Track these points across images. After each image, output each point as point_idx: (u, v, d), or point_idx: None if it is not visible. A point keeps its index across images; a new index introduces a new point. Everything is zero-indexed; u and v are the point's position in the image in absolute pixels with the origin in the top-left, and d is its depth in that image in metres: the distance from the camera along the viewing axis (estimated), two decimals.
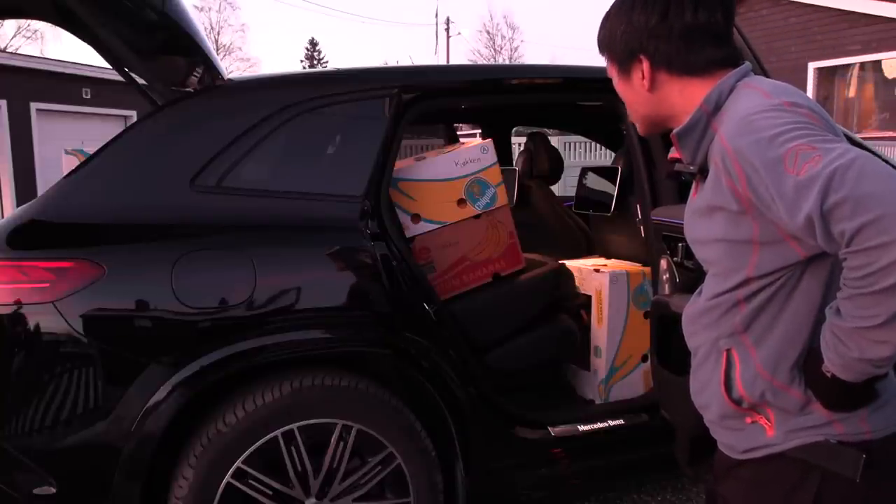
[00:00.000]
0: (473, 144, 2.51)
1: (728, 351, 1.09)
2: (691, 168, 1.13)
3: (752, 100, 1.00)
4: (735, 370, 1.08)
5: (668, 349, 1.87)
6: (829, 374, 0.97)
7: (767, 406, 1.06)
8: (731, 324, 1.08)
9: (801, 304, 1.03)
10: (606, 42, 1.16)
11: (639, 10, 1.09)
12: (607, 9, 1.17)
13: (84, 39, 2.11)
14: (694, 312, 1.17)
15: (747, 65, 1.10)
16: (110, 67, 2.31)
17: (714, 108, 1.05)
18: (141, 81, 2.41)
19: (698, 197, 1.12)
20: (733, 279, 1.05)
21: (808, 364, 1.02)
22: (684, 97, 1.09)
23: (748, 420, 1.10)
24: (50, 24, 2.08)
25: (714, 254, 1.09)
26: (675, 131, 1.10)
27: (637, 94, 1.15)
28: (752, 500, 1.12)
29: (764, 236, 1.00)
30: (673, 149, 1.17)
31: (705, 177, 1.07)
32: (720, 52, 1.08)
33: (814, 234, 0.87)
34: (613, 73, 1.18)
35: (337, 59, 49.30)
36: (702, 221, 1.10)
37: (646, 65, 1.10)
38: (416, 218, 2.37)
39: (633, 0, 1.10)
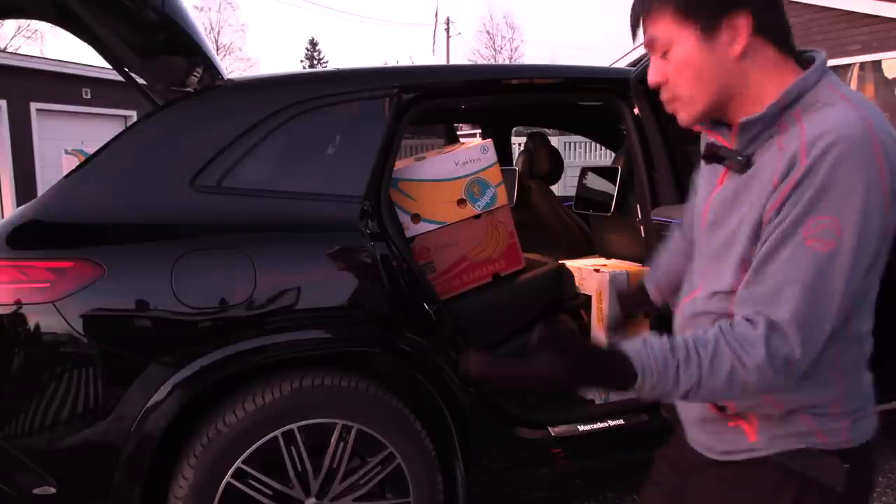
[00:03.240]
0: (473, 144, 2.51)
1: None
2: (739, 157, 1.00)
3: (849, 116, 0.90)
4: None
5: None
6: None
7: (751, 412, 1.04)
8: None
9: None
10: (685, 2, 0.96)
11: None
12: None
13: (84, 39, 2.11)
14: (686, 312, 1.12)
15: (824, 55, 1.00)
16: (110, 67, 2.31)
17: (791, 102, 0.95)
18: (141, 81, 2.41)
19: (728, 188, 1.03)
20: (734, 282, 1.00)
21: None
22: (775, 79, 0.97)
23: (730, 424, 1.07)
24: (50, 24, 2.08)
25: (719, 258, 1.03)
26: (743, 121, 0.97)
27: (717, 61, 0.96)
28: (729, 500, 1.10)
29: None
30: (705, 134, 1.09)
31: (743, 167, 0.98)
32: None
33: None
34: (687, 38, 0.97)
35: (337, 59, 49.33)
36: (730, 218, 1.01)
37: (744, 25, 0.95)
38: (416, 218, 2.37)
39: None
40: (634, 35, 1.04)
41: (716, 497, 1.12)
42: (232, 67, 30.85)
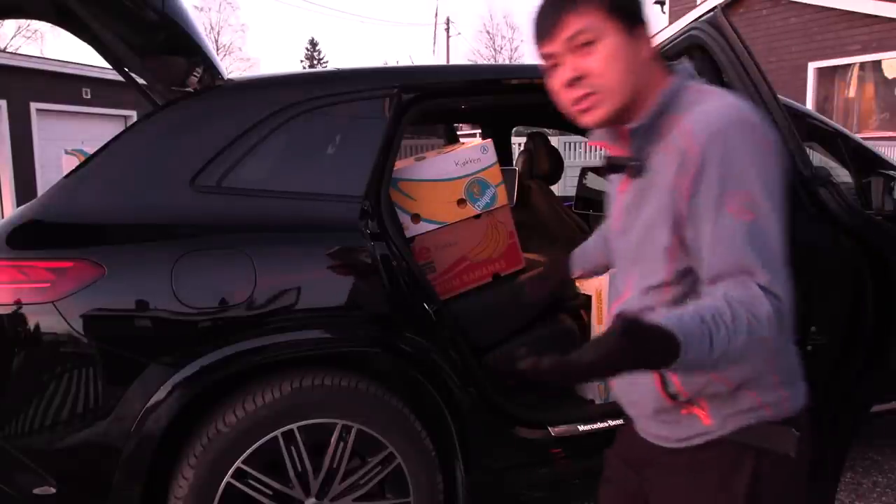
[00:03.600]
0: (473, 144, 2.51)
1: None
2: (634, 163, 1.09)
3: (725, 99, 1.03)
4: (666, 371, 1.07)
5: None
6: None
7: (701, 397, 1.10)
8: None
9: None
10: (614, 1, 1.05)
11: None
12: None
13: (84, 39, 2.11)
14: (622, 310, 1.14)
15: (688, 65, 1.14)
16: (110, 67, 2.31)
17: (667, 107, 1.06)
18: (141, 81, 2.41)
19: (631, 192, 1.12)
20: (665, 274, 1.06)
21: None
22: (661, 86, 1.08)
23: (683, 412, 1.12)
24: (50, 24, 2.08)
25: (642, 259, 1.10)
26: (630, 127, 1.08)
27: (637, 58, 1.06)
28: (690, 484, 1.14)
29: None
30: (595, 135, 1.18)
31: (639, 172, 1.08)
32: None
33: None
34: (614, 33, 1.04)
35: (337, 59, 49.32)
36: (637, 222, 1.10)
37: (649, 32, 1.08)
38: (416, 218, 2.37)
39: None
40: (551, 33, 1.07)
41: (678, 483, 1.16)
42: (232, 67, 30.85)
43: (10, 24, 25.84)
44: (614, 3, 1.05)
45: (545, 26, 1.08)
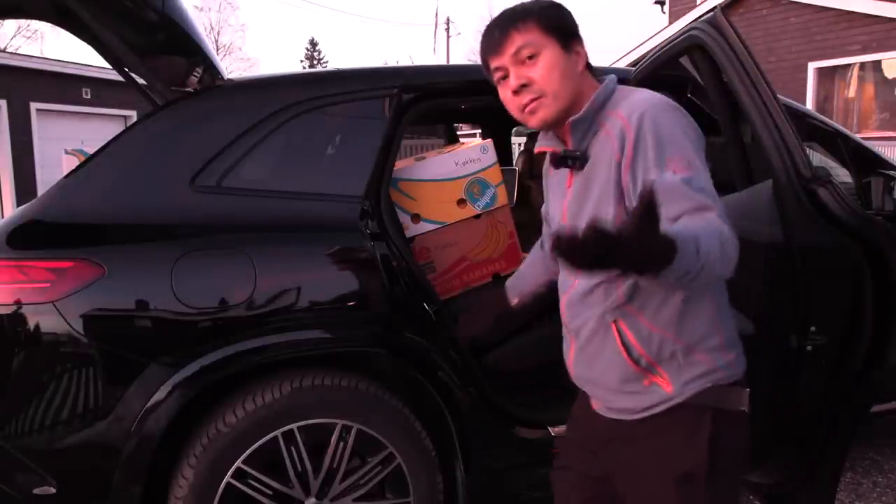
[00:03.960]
0: (473, 144, 2.51)
1: (615, 322, 1.26)
2: (577, 153, 1.27)
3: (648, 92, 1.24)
4: (627, 335, 1.25)
5: None
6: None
7: (660, 365, 1.25)
8: (615, 297, 1.25)
9: None
10: (550, 22, 1.25)
11: (570, 14, 1.30)
12: (518, 6, 1.31)
13: (84, 39, 2.11)
14: (574, 297, 1.33)
15: (614, 76, 1.32)
16: (110, 67, 2.31)
17: (602, 104, 1.26)
18: (141, 81, 2.41)
19: (577, 183, 1.28)
20: None
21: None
22: (585, 87, 1.28)
23: (646, 383, 1.26)
24: (50, 24, 2.08)
25: (603, 216, 1.22)
26: (572, 119, 1.26)
27: (573, 69, 1.27)
28: (656, 447, 1.28)
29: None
30: (540, 144, 1.39)
31: (582, 165, 1.26)
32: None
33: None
34: (552, 47, 1.25)
35: (337, 59, 49.30)
36: (586, 206, 1.25)
37: (583, 50, 1.29)
38: (416, 218, 2.37)
39: (561, 6, 1.31)
40: (498, 49, 1.27)
41: (644, 449, 1.30)
42: (232, 67, 30.85)
43: (10, 24, 25.83)
44: (550, 23, 1.26)
45: (493, 43, 1.29)
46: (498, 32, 1.28)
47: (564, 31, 1.27)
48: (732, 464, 1.30)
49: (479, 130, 4.85)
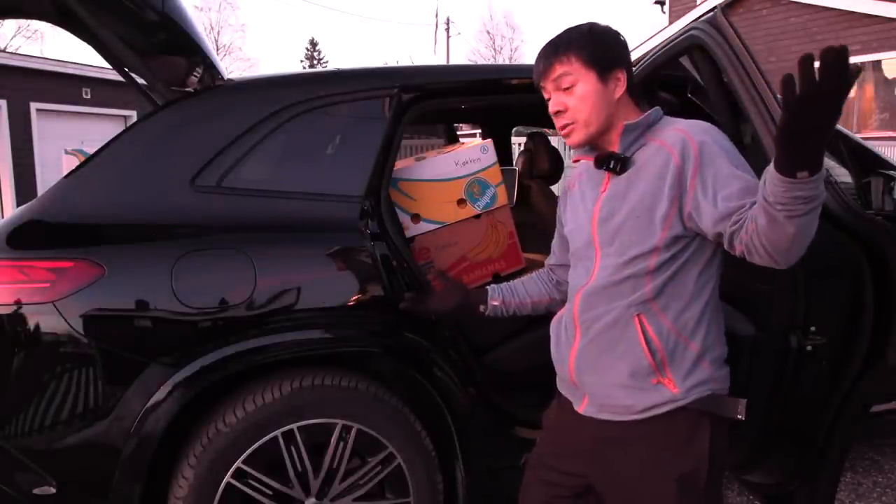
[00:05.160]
0: (473, 144, 2.51)
1: (638, 316, 1.33)
2: (622, 155, 1.38)
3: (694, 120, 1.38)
4: (648, 330, 1.33)
5: None
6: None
7: (669, 366, 1.32)
8: (643, 292, 1.33)
9: (698, 269, 1.34)
10: (590, 55, 1.37)
11: (618, 43, 1.41)
12: (586, 23, 1.43)
13: (84, 39, 2.11)
14: (593, 289, 1.39)
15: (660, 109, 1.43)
16: (110, 67, 2.31)
17: (652, 123, 1.39)
18: (141, 81, 2.41)
19: (616, 186, 1.38)
20: (657, 239, 1.31)
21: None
22: (627, 112, 1.41)
23: (654, 381, 1.33)
24: (50, 24, 2.08)
25: (630, 230, 1.33)
26: (627, 123, 1.38)
27: (607, 98, 1.38)
28: (656, 449, 1.34)
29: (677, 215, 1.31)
30: (576, 154, 1.50)
31: (623, 169, 1.37)
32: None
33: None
34: (589, 79, 1.37)
35: (337, 59, 49.32)
36: (626, 202, 1.35)
37: (623, 78, 1.39)
38: (416, 218, 2.37)
39: (610, 34, 1.41)
40: (544, 74, 1.42)
41: (642, 451, 1.34)
42: (232, 67, 30.85)
43: (10, 24, 25.85)
44: (591, 56, 1.36)
45: (540, 69, 1.43)
46: (544, 61, 1.41)
47: (605, 64, 1.37)
48: (721, 467, 1.39)
49: (479, 130, 4.85)
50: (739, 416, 1.32)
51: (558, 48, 1.39)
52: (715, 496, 1.39)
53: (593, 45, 1.38)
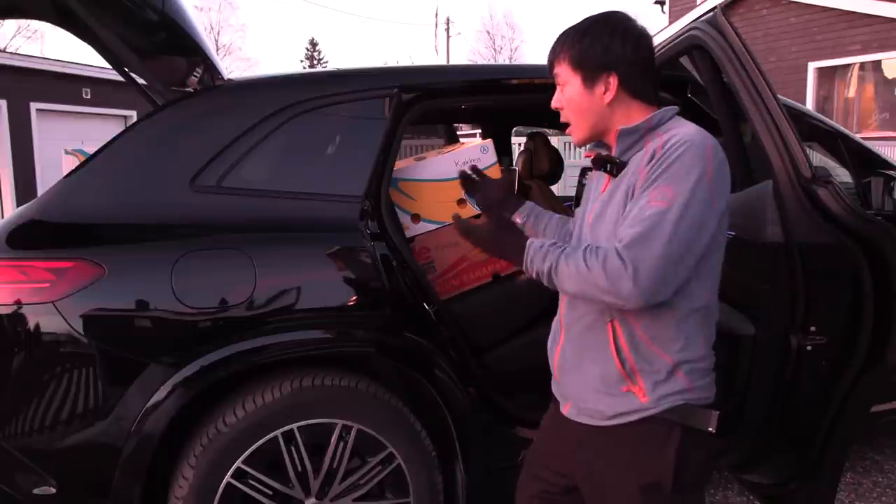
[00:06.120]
0: (473, 144, 2.51)
1: (612, 322, 1.32)
2: (615, 159, 1.36)
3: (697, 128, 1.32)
4: (620, 336, 1.32)
5: None
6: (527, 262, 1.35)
7: (639, 374, 1.31)
8: None
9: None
10: (576, 57, 1.34)
11: (618, 39, 1.32)
12: (594, 15, 1.38)
13: (84, 39, 2.11)
14: None
15: (676, 108, 1.38)
16: (110, 67, 2.31)
17: (653, 127, 1.33)
18: (141, 81, 2.41)
19: (610, 188, 1.36)
20: None
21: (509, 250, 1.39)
22: (627, 114, 1.36)
23: (623, 388, 1.33)
24: (50, 24, 2.08)
25: (608, 236, 1.31)
26: (621, 128, 1.34)
27: (594, 104, 1.35)
28: (622, 457, 1.34)
29: None
30: (587, 149, 1.49)
31: (618, 172, 1.34)
32: (657, 91, 1.38)
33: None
34: (574, 83, 1.35)
35: (337, 59, 49.31)
36: (615, 207, 1.32)
37: (614, 82, 1.33)
38: (416, 218, 2.37)
39: (612, 29, 1.33)
40: (549, 70, 1.41)
41: (611, 458, 1.35)
42: (232, 67, 30.84)
43: (10, 24, 25.83)
44: (577, 59, 1.34)
45: (548, 61, 1.42)
46: (549, 56, 1.41)
47: (591, 66, 1.33)
48: (697, 478, 1.37)
49: (479, 130, 4.85)
50: (710, 429, 1.30)
51: (556, 46, 1.39)
52: (694, 501, 1.39)
53: (581, 47, 1.34)
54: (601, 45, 1.33)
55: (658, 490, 1.31)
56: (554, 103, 1.41)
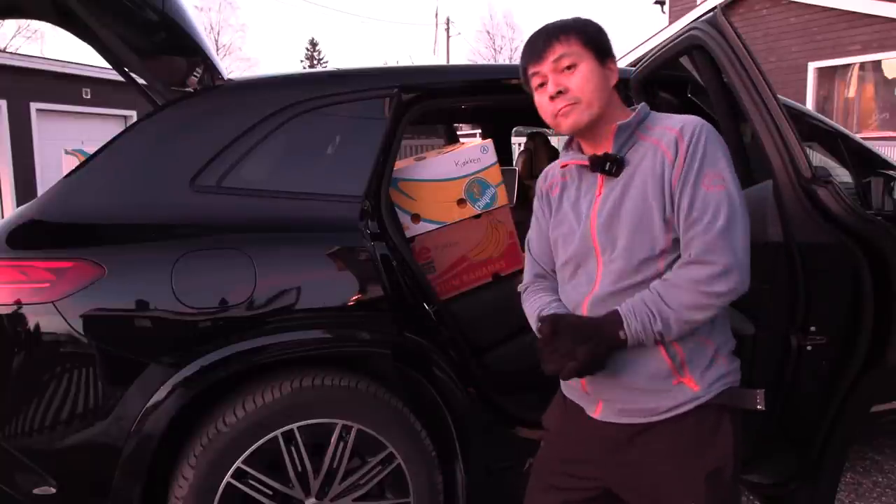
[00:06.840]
0: (473, 144, 2.51)
1: None
2: (618, 156, 1.36)
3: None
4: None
5: None
6: (623, 337, 1.28)
7: (688, 365, 1.32)
8: None
9: None
10: (588, 37, 1.37)
11: (606, 36, 1.40)
12: (562, 19, 1.41)
13: (84, 39, 2.11)
14: (600, 296, 1.35)
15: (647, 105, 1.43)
16: (110, 67, 2.31)
17: (641, 121, 1.37)
18: (141, 81, 2.41)
19: (612, 187, 1.35)
20: (664, 242, 1.30)
21: (607, 328, 1.29)
22: (618, 106, 1.41)
23: (674, 382, 1.33)
24: (50, 24, 2.08)
25: (634, 235, 1.31)
26: (619, 123, 1.36)
27: (605, 82, 1.38)
28: (681, 447, 1.34)
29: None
30: (563, 159, 1.47)
31: (619, 171, 1.35)
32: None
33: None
34: (588, 59, 1.36)
35: (337, 59, 49.31)
36: (633, 202, 1.32)
37: (615, 68, 1.40)
38: (416, 218, 2.37)
39: (601, 27, 1.41)
40: (542, 54, 1.37)
41: (667, 450, 1.34)
42: (232, 67, 30.84)
43: (10, 24, 25.82)
44: (589, 38, 1.36)
45: (536, 51, 1.38)
46: (541, 42, 1.37)
47: (601, 48, 1.38)
48: (741, 459, 1.39)
49: (479, 130, 4.85)
50: (760, 407, 1.33)
51: (557, 30, 1.37)
52: (739, 488, 1.42)
53: (590, 30, 1.39)
54: (602, 35, 1.40)
55: (720, 476, 1.33)
56: (556, 87, 1.35)
